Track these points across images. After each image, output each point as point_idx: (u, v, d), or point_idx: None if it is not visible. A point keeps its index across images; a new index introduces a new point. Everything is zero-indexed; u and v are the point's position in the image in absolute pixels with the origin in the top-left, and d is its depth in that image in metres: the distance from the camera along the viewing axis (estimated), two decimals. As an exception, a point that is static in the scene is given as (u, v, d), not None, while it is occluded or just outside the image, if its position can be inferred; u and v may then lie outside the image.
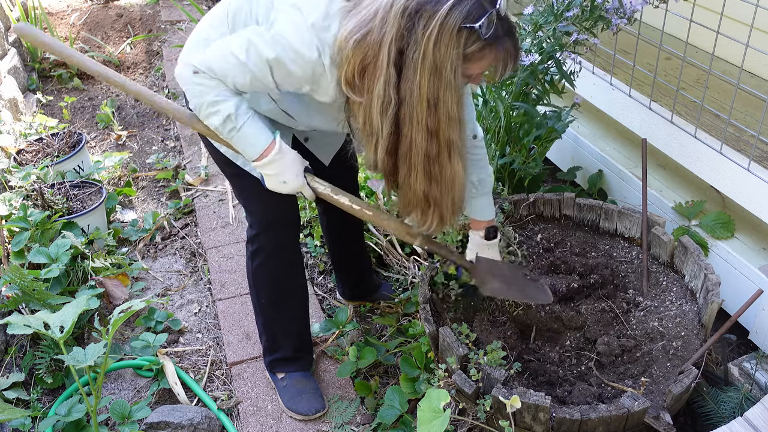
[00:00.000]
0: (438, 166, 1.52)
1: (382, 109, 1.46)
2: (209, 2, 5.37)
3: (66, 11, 5.28)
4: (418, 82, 1.41)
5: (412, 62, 1.40)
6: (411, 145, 1.49)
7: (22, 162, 3.10)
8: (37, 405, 2.14)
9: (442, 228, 1.66)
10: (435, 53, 1.38)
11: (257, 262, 1.98)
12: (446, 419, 1.56)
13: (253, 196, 1.88)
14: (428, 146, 1.49)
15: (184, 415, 2.01)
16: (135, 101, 4.22)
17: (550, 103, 2.38)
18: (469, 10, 1.36)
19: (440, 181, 1.54)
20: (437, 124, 1.46)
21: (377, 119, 1.48)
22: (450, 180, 1.54)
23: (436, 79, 1.40)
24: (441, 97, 1.43)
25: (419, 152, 1.49)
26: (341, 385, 2.19)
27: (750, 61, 2.14)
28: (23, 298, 2.26)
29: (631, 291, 2.06)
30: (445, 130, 1.47)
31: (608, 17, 2.10)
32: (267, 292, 2.03)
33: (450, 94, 1.43)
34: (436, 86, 1.41)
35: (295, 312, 2.09)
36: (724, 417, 1.84)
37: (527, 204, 2.30)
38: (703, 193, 2.46)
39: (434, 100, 1.43)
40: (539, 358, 1.93)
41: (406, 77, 1.42)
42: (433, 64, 1.39)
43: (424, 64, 1.39)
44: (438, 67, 1.39)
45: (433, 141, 1.48)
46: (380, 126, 1.49)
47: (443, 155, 1.50)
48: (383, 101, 1.45)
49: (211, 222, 3.02)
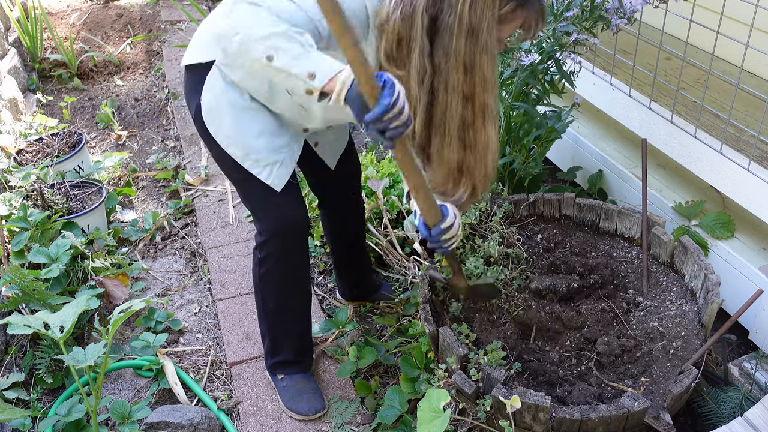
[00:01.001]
0: (473, 132, 1.50)
1: (419, 79, 1.45)
2: (209, 2, 5.38)
3: (66, 11, 5.28)
4: (455, 46, 1.40)
5: (447, 27, 1.39)
6: (446, 112, 1.48)
7: (22, 162, 3.10)
8: (37, 405, 2.14)
9: (475, 199, 1.65)
10: (471, 16, 1.37)
11: (265, 269, 1.95)
12: (446, 419, 1.56)
13: (261, 201, 1.84)
14: (464, 112, 1.47)
15: (184, 415, 2.01)
16: (135, 101, 4.22)
17: (550, 103, 2.38)
18: None
19: (474, 148, 1.53)
20: (473, 88, 1.45)
21: (415, 90, 1.47)
22: (484, 146, 1.53)
23: (472, 42, 1.40)
24: (477, 60, 1.42)
25: (454, 118, 1.48)
26: (341, 385, 2.19)
27: (750, 61, 2.15)
28: (23, 298, 2.26)
29: (631, 291, 2.06)
30: (480, 94, 1.46)
31: (608, 17, 2.11)
32: (274, 298, 2.01)
33: (486, 56, 1.42)
34: (472, 49, 1.40)
35: (299, 315, 2.08)
36: (724, 417, 1.84)
37: (527, 204, 2.30)
38: (703, 193, 2.46)
39: (470, 64, 1.42)
40: (539, 358, 1.93)
41: (440, 44, 1.41)
42: (470, 26, 1.38)
43: (461, 27, 1.38)
44: (474, 30, 1.38)
45: (468, 106, 1.47)
46: (417, 97, 1.47)
47: (478, 121, 1.49)
48: (419, 71, 1.44)
49: (211, 222, 3.02)
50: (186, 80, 1.81)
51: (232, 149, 1.75)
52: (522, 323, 2.02)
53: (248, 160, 1.75)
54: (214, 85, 1.71)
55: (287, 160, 1.78)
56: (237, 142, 1.74)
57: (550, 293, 2.04)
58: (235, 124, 1.72)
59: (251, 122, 1.73)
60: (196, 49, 1.75)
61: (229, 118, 1.72)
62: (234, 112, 1.71)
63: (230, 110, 1.71)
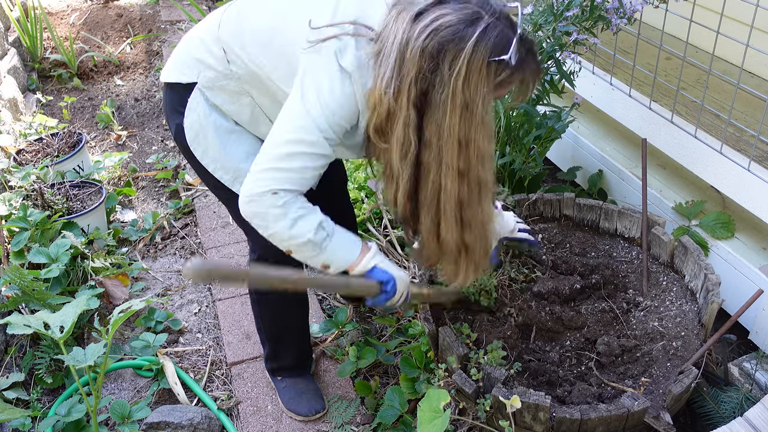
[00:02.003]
0: (470, 210, 1.45)
1: (402, 153, 1.40)
2: (209, 2, 5.38)
3: (66, 11, 5.28)
4: (448, 123, 1.35)
5: (440, 103, 1.34)
6: (440, 191, 1.42)
7: (22, 162, 3.10)
8: (37, 405, 2.14)
9: (477, 276, 1.59)
10: (465, 92, 1.32)
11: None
12: (446, 419, 1.56)
13: None
14: (460, 189, 1.42)
15: (184, 415, 2.01)
16: (135, 101, 4.22)
17: (550, 103, 2.38)
18: (494, 42, 1.31)
19: (473, 226, 1.47)
20: (468, 163, 1.40)
21: (397, 163, 1.42)
22: (482, 224, 1.48)
23: (466, 117, 1.35)
24: (472, 135, 1.37)
25: (450, 198, 1.42)
26: (341, 385, 2.19)
27: (750, 61, 2.14)
28: (23, 298, 2.26)
29: (631, 291, 2.06)
30: (476, 168, 1.41)
31: (608, 17, 2.10)
32: (271, 313, 2.00)
33: (481, 130, 1.38)
34: (467, 125, 1.36)
35: (297, 327, 2.08)
36: (724, 417, 1.84)
37: (527, 204, 2.30)
38: (703, 193, 2.46)
39: (465, 140, 1.37)
40: (539, 358, 1.93)
41: (432, 120, 1.36)
42: (464, 102, 1.33)
43: (454, 103, 1.33)
44: (469, 105, 1.34)
45: (464, 184, 1.42)
46: (400, 170, 1.43)
47: (474, 197, 1.44)
48: (402, 144, 1.39)
49: (211, 222, 3.02)
50: (165, 97, 1.76)
51: (220, 173, 1.69)
52: (522, 323, 2.02)
53: (237, 183, 1.67)
54: (195, 107, 1.65)
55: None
56: (224, 166, 1.68)
57: (553, 295, 2.04)
58: (221, 148, 1.67)
59: (236, 145, 1.68)
60: (177, 66, 1.69)
61: (214, 142, 1.66)
62: (219, 135, 1.66)
63: (215, 133, 1.66)
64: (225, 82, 1.61)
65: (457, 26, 1.30)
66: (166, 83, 1.74)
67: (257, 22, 1.55)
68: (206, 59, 1.62)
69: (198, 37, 1.67)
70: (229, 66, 1.59)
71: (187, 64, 1.66)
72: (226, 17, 1.62)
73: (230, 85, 1.61)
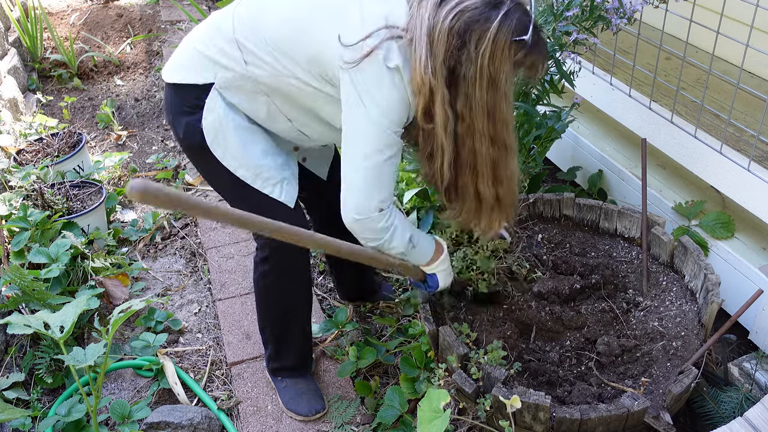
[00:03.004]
0: (501, 169, 1.62)
1: (445, 128, 1.54)
2: (209, 2, 5.38)
3: (66, 11, 5.28)
4: (477, 96, 1.50)
5: (468, 79, 1.48)
6: (476, 155, 1.58)
7: (22, 162, 3.10)
8: (37, 405, 2.14)
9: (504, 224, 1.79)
10: (490, 67, 1.47)
11: (267, 282, 1.94)
12: (446, 419, 1.56)
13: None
14: (492, 153, 1.58)
15: (184, 415, 2.01)
16: (135, 101, 4.22)
17: (550, 103, 2.38)
18: (516, 24, 1.46)
19: (505, 182, 1.65)
20: (495, 131, 1.56)
21: (441, 139, 1.56)
22: (510, 179, 1.66)
23: (492, 91, 1.50)
24: (498, 107, 1.53)
25: (485, 161, 1.59)
26: (341, 385, 2.19)
27: (750, 61, 2.14)
28: (23, 298, 2.26)
29: (631, 291, 2.06)
30: (502, 133, 1.57)
31: (608, 17, 2.10)
32: (276, 310, 2.01)
33: (504, 101, 1.54)
34: (493, 98, 1.51)
35: (301, 325, 2.08)
36: (724, 417, 1.84)
37: (527, 204, 2.30)
38: (703, 193, 2.46)
39: (492, 111, 1.53)
40: (539, 358, 1.93)
41: (463, 93, 1.50)
42: (490, 77, 1.48)
43: (482, 79, 1.48)
44: (494, 80, 1.49)
45: (494, 147, 1.58)
46: (444, 144, 1.56)
47: (503, 158, 1.61)
48: (444, 119, 1.52)
49: (211, 222, 3.02)
50: (171, 97, 1.77)
51: (242, 171, 1.74)
52: (522, 323, 2.02)
53: (259, 179, 1.75)
54: (214, 107, 1.69)
55: (291, 177, 1.81)
56: (246, 164, 1.74)
57: (553, 295, 2.04)
58: (240, 147, 1.72)
59: (254, 143, 1.74)
60: (188, 67, 1.71)
61: (234, 141, 1.71)
62: (238, 134, 1.72)
63: (234, 132, 1.71)
64: (242, 83, 1.67)
65: (482, 8, 1.45)
66: (172, 84, 1.75)
67: (275, 28, 1.61)
68: (221, 60, 1.66)
69: (209, 38, 1.69)
70: (246, 67, 1.64)
71: (202, 66, 1.69)
72: (238, 18, 1.66)
73: (247, 85, 1.67)
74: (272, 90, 1.66)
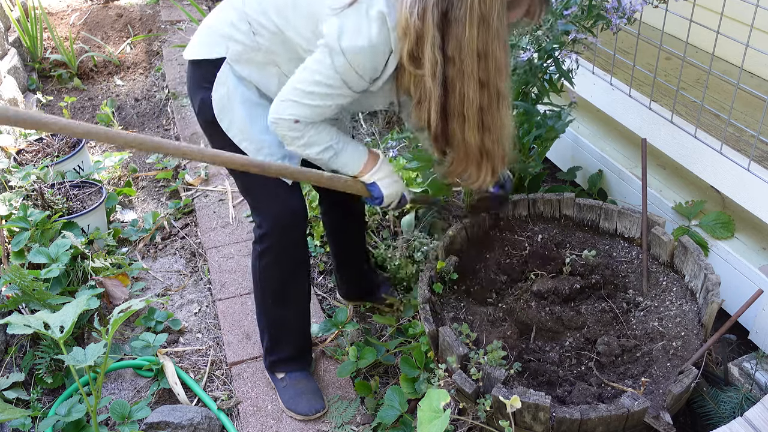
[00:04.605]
0: (490, 116, 1.60)
1: (432, 73, 1.53)
2: (209, 2, 5.38)
3: (66, 11, 5.28)
4: (467, 36, 1.48)
5: (459, 19, 1.47)
6: (463, 100, 1.56)
7: (22, 162, 3.10)
8: (37, 405, 2.14)
9: (495, 179, 1.76)
10: (481, 6, 1.45)
11: (265, 262, 1.96)
12: (446, 419, 1.56)
13: (262, 193, 1.88)
14: (481, 98, 1.56)
15: (184, 415, 2.01)
16: (135, 101, 4.22)
17: (550, 103, 2.38)
18: None
19: (492, 130, 1.62)
20: (487, 74, 1.53)
21: (429, 84, 1.55)
22: (500, 127, 1.62)
23: (484, 30, 1.48)
24: (490, 47, 1.50)
25: (472, 105, 1.57)
26: (341, 385, 2.19)
27: (750, 61, 2.14)
28: (23, 298, 2.26)
29: (631, 291, 2.06)
30: (494, 78, 1.54)
31: (607, 17, 2.10)
32: (273, 292, 2.02)
33: (498, 43, 1.50)
34: (484, 38, 1.48)
35: (299, 310, 2.09)
36: (724, 417, 1.84)
37: (527, 204, 2.30)
38: (703, 193, 2.46)
39: (484, 52, 1.50)
40: (539, 358, 1.93)
41: (453, 35, 1.49)
42: (481, 16, 1.46)
43: (472, 18, 1.46)
44: (485, 19, 1.46)
45: (484, 92, 1.55)
46: (432, 90, 1.55)
47: (493, 104, 1.58)
48: (432, 64, 1.51)
49: (211, 222, 3.02)
50: (191, 74, 1.85)
51: (245, 144, 1.79)
52: (522, 323, 2.02)
53: (261, 154, 1.80)
54: (225, 81, 1.76)
55: (294, 154, 1.83)
56: (250, 137, 1.79)
57: (553, 295, 2.04)
58: (247, 119, 1.77)
59: (261, 118, 1.78)
60: (203, 44, 1.79)
61: (240, 113, 1.77)
62: (245, 107, 1.77)
63: (242, 105, 1.77)
64: (252, 54, 1.73)
65: None
66: (191, 61, 1.83)
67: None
68: (233, 35, 1.73)
69: (223, 15, 1.77)
70: (255, 38, 1.70)
71: (215, 41, 1.76)
72: None
73: (257, 56, 1.73)
74: (282, 59, 1.71)
